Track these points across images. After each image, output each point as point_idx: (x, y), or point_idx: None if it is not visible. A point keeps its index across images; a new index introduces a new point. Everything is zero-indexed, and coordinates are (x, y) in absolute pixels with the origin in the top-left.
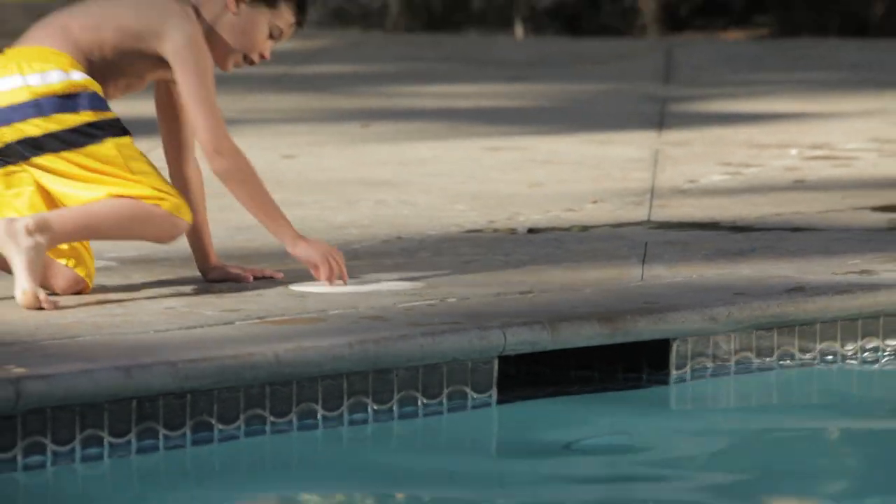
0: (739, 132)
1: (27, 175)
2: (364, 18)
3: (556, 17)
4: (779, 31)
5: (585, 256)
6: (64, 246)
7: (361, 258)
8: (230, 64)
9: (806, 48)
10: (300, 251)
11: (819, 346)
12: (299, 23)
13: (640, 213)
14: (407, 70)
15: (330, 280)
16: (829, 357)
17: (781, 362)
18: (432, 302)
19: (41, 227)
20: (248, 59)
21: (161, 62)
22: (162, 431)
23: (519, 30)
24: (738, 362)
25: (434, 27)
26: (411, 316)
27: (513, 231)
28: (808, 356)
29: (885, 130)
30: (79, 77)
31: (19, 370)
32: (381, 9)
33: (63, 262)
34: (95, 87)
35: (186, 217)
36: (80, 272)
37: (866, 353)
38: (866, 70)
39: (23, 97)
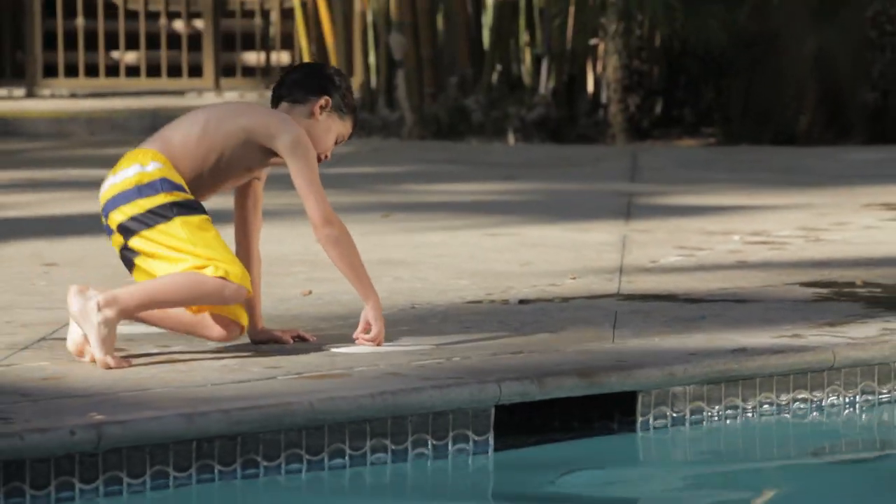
0: (692, 221)
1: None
2: (384, 128)
3: (541, 128)
4: (723, 140)
5: (566, 323)
6: None
7: None
8: None
9: (745, 154)
10: (372, 315)
11: (758, 398)
12: (351, 135)
13: (611, 288)
14: (419, 171)
15: (371, 342)
16: (766, 407)
17: (728, 410)
18: (440, 360)
19: (109, 303)
20: (318, 157)
21: (264, 157)
22: (217, 467)
23: (511, 138)
24: (692, 410)
25: (442, 136)
26: (423, 372)
27: (506, 302)
28: (749, 406)
29: (810, 221)
30: (152, 168)
31: (100, 417)
32: (398, 121)
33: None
34: (167, 173)
35: (236, 280)
36: (232, 316)
37: (796, 404)
38: (794, 172)
39: (112, 193)
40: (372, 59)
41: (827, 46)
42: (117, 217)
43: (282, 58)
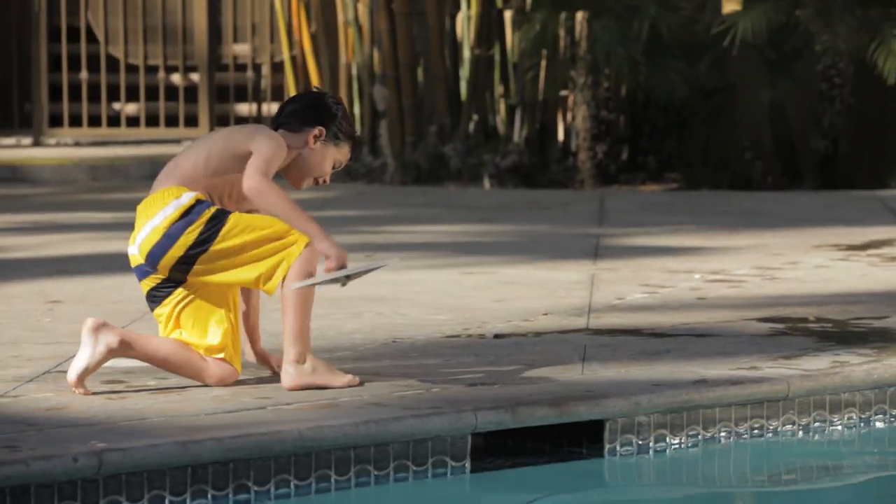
0: (656, 261)
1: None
2: (368, 174)
3: (515, 174)
4: (685, 185)
5: (538, 356)
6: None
7: (365, 357)
8: (304, 184)
9: (705, 198)
10: (322, 246)
11: (718, 426)
12: (352, 158)
13: (580, 323)
14: (401, 214)
15: (330, 270)
16: (725, 434)
17: (690, 438)
18: (420, 391)
19: (300, 359)
20: (316, 181)
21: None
22: (210, 492)
23: (487, 183)
24: (656, 438)
25: (422, 181)
26: (404, 402)
27: (482, 336)
28: (709, 433)
29: (766, 260)
30: (187, 198)
31: (101, 445)
32: (381, 167)
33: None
34: (200, 196)
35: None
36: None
37: (754, 431)
38: (750, 215)
39: (157, 237)
40: (357, 109)
41: (781, 98)
42: (175, 253)
43: (272, 108)
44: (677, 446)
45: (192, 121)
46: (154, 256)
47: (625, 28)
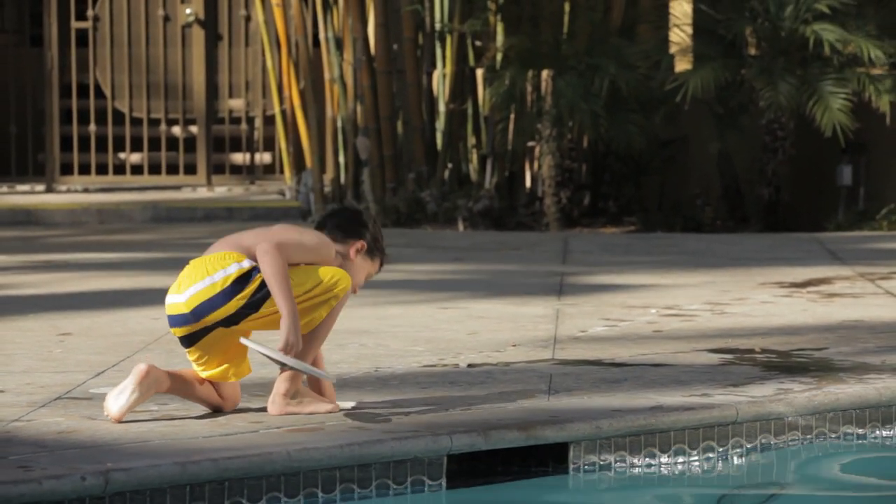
0: (615, 297)
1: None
2: None
3: (486, 217)
4: (641, 228)
5: (508, 384)
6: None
7: (350, 385)
8: None
9: (660, 240)
10: (286, 326)
11: (672, 448)
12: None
13: (546, 354)
14: None
15: (282, 350)
16: (679, 456)
17: (647, 459)
18: (399, 416)
19: (287, 393)
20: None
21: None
22: None
23: (460, 225)
24: (616, 459)
25: (401, 224)
26: (385, 426)
27: (456, 366)
28: (664, 455)
29: (715, 296)
30: (248, 264)
31: (108, 465)
32: (364, 211)
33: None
34: (257, 266)
35: (348, 284)
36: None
37: (706, 454)
38: (701, 256)
39: (214, 292)
40: (342, 158)
41: (728, 149)
42: (224, 312)
43: (264, 158)
44: (636, 466)
45: (190, 169)
46: (202, 310)
47: (587, 85)
